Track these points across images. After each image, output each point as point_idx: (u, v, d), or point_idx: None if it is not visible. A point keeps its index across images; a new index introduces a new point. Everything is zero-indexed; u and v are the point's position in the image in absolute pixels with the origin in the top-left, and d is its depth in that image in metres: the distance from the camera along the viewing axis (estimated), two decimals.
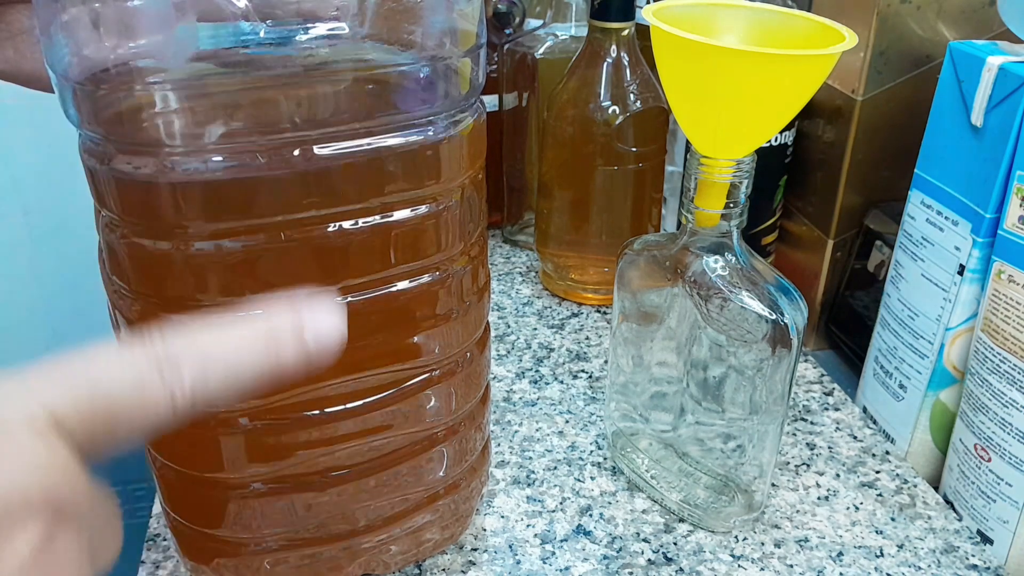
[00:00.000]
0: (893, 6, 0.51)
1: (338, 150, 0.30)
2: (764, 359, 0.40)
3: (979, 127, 0.44)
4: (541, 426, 0.53)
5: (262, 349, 0.22)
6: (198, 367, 0.21)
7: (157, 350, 0.21)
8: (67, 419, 0.19)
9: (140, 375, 0.20)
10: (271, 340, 0.22)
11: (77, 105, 0.28)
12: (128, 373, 0.20)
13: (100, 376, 0.20)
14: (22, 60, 0.35)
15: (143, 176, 0.28)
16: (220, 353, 0.22)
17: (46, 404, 0.19)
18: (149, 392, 0.20)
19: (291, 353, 0.22)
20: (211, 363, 0.21)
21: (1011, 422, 0.42)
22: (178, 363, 0.21)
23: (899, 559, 0.43)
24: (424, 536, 0.41)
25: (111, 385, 0.20)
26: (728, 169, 0.38)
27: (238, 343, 0.22)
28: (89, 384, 0.20)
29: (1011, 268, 0.42)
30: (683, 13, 0.39)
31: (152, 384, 0.20)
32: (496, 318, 0.64)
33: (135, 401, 0.20)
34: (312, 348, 0.22)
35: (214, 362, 0.21)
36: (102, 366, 0.20)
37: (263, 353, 0.22)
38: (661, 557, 0.43)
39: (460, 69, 0.32)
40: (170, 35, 0.26)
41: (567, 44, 0.67)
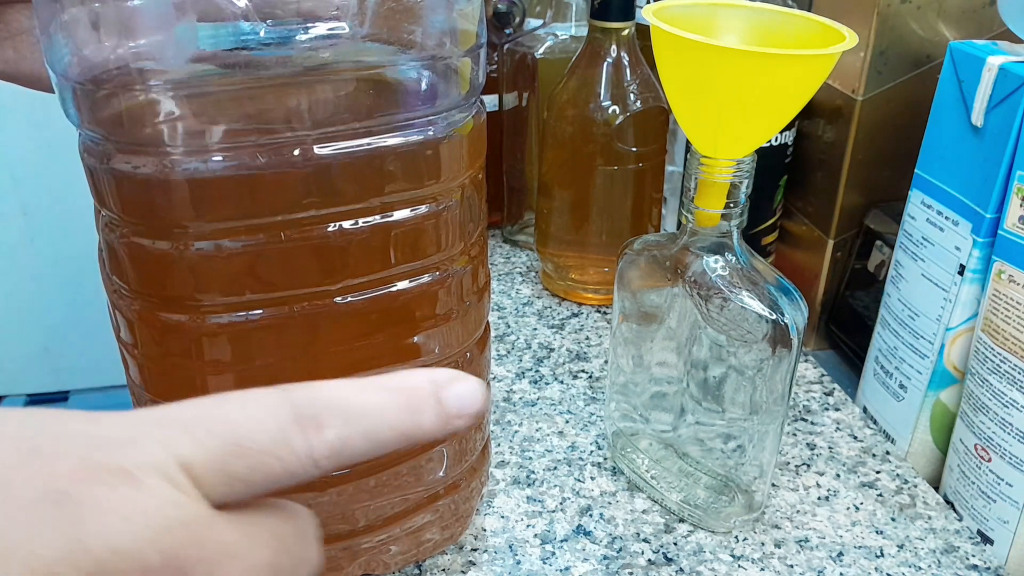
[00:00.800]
0: (893, 6, 0.51)
1: (338, 150, 0.30)
2: (764, 359, 0.40)
3: (979, 127, 0.44)
4: (541, 426, 0.52)
5: (403, 412, 0.21)
6: (340, 426, 0.20)
7: (299, 406, 0.20)
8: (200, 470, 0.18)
9: (281, 431, 0.20)
10: (412, 403, 0.21)
11: (77, 105, 0.28)
12: (269, 427, 0.19)
13: (238, 427, 0.19)
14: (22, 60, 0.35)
15: (143, 176, 0.28)
16: (361, 413, 0.21)
17: (178, 452, 0.18)
18: (290, 449, 0.20)
19: (431, 418, 0.22)
20: (352, 423, 0.20)
21: (1011, 422, 0.42)
22: (320, 421, 0.20)
23: (899, 559, 0.43)
24: (424, 536, 0.41)
25: (250, 438, 0.19)
26: (728, 169, 0.38)
27: (378, 404, 0.21)
28: (226, 435, 0.19)
29: (1011, 268, 0.42)
30: (683, 13, 0.39)
31: (294, 441, 0.20)
32: (496, 318, 0.64)
33: (275, 458, 0.19)
34: (453, 413, 0.22)
35: (355, 422, 0.21)
36: (240, 417, 0.19)
37: (403, 416, 0.21)
38: (661, 557, 0.43)
39: (460, 69, 0.32)
40: (170, 35, 0.26)
41: (567, 44, 0.67)
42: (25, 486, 0.17)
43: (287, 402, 0.20)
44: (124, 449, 0.18)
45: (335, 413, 0.20)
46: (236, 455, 0.19)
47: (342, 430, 0.20)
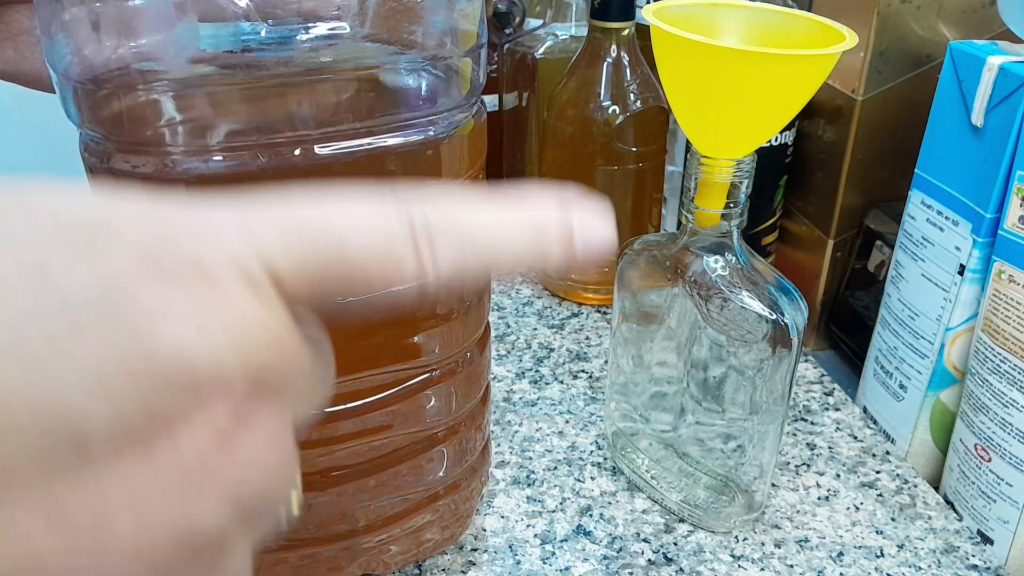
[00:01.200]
0: (893, 6, 0.51)
1: (339, 150, 0.30)
2: (764, 359, 0.40)
3: (979, 127, 0.44)
4: (541, 426, 0.53)
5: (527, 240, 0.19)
6: (457, 242, 0.18)
7: (414, 215, 0.17)
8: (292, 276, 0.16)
9: (391, 240, 0.17)
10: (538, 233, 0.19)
11: (78, 105, 0.28)
12: (377, 235, 0.17)
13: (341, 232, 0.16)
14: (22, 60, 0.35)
15: (143, 175, 0.28)
16: (482, 232, 0.18)
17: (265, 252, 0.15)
18: (398, 261, 0.17)
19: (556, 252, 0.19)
20: (472, 241, 0.18)
21: (1011, 422, 0.42)
22: (436, 233, 0.17)
23: (899, 559, 0.43)
24: (424, 536, 0.41)
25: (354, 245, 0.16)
26: (728, 169, 0.38)
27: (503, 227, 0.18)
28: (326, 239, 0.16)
29: (1011, 268, 0.42)
30: (683, 13, 0.39)
31: (404, 253, 0.17)
32: (496, 318, 0.64)
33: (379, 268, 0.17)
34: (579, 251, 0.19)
35: (475, 240, 0.18)
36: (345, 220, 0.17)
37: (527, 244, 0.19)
38: (661, 557, 0.43)
39: (461, 69, 0.32)
40: (171, 35, 0.26)
41: (567, 44, 0.67)
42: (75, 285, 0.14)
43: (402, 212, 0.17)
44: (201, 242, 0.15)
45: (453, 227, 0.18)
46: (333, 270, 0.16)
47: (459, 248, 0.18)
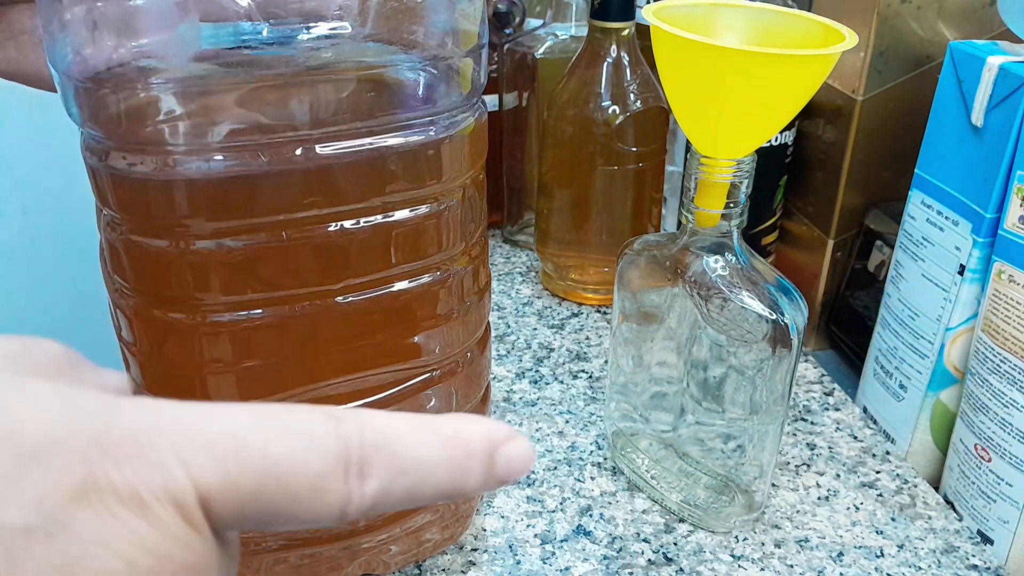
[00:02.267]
0: (893, 6, 0.51)
1: (340, 149, 0.30)
2: (764, 359, 0.40)
3: (979, 127, 0.44)
4: (541, 426, 0.53)
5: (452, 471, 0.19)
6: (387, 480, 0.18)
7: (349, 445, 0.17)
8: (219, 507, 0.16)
9: (323, 476, 0.17)
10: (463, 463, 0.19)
11: (79, 104, 0.28)
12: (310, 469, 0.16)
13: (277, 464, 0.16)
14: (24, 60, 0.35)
15: (144, 175, 0.28)
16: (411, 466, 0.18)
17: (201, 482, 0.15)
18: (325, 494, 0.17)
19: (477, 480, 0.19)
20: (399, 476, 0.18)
21: (1011, 422, 0.42)
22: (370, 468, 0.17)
23: (899, 559, 0.43)
24: (424, 536, 0.41)
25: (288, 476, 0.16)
26: (728, 169, 0.38)
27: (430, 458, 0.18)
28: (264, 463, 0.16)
29: (1011, 268, 0.42)
30: (683, 13, 0.39)
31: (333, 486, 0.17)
32: (496, 318, 0.64)
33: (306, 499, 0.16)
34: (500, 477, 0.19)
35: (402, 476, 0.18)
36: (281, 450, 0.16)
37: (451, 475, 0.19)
38: (661, 557, 0.43)
39: (462, 69, 0.32)
40: (172, 34, 0.26)
41: (567, 44, 0.67)
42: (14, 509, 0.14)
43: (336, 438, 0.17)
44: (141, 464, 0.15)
45: (383, 461, 0.18)
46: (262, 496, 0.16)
47: (385, 483, 0.18)
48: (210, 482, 0.16)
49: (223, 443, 0.16)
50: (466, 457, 0.19)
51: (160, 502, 0.15)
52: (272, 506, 0.16)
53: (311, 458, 0.17)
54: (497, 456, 0.19)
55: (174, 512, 0.15)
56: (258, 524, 0.17)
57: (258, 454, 0.16)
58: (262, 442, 0.16)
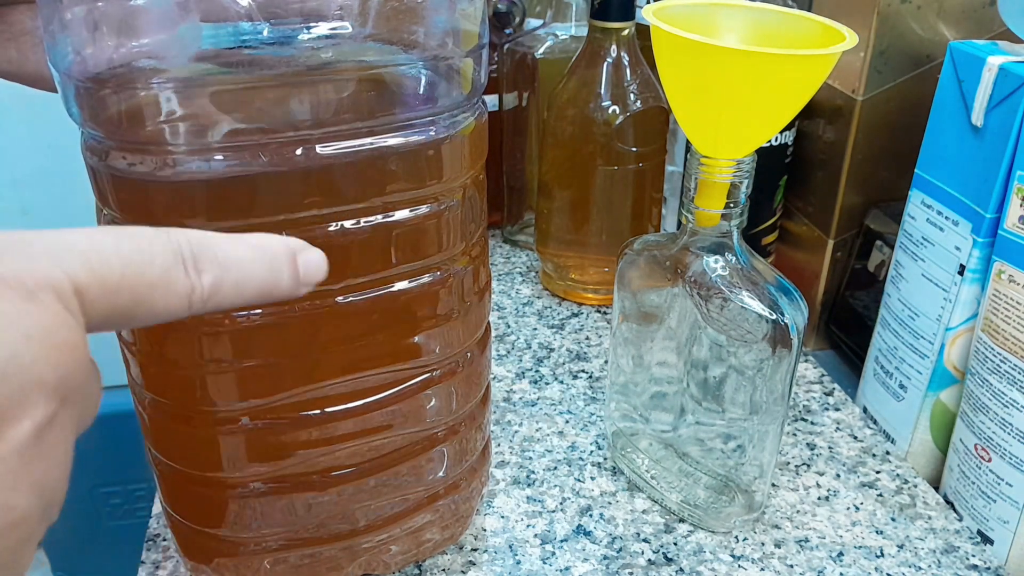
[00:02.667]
0: (893, 6, 0.51)
1: (340, 149, 0.30)
2: (764, 359, 0.40)
3: (979, 127, 0.44)
4: (541, 426, 0.53)
5: (266, 270, 0.23)
6: (217, 273, 0.21)
7: (183, 246, 0.21)
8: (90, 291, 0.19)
9: (168, 268, 0.20)
10: (273, 264, 0.23)
11: (80, 104, 0.28)
12: (157, 263, 0.20)
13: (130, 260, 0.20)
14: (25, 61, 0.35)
15: (144, 175, 0.28)
16: (234, 263, 0.22)
17: (74, 275, 0.18)
18: (173, 284, 0.20)
19: (287, 281, 0.23)
20: (227, 272, 0.22)
21: (1011, 422, 0.42)
22: (201, 264, 0.21)
23: (899, 559, 0.43)
24: (424, 536, 0.41)
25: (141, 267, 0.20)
26: (728, 169, 0.38)
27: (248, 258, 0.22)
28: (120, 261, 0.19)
29: (1011, 268, 0.42)
30: (683, 13, 0.39)
31: (178, 280, 0.20)
32: (496, 318, 0.64)
33: (159, 289, 0.20)
34: (302, 279, 0.24)
35: (229, 272, 0.22)
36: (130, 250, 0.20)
37: (266, 274, 0.23)
38: (661, 557, 0.43)
39: (462, 69, 0.32)
40: (173, 34, 0.26)
41: (567, 44, 0.67)
42: None
43: (173, 241, 0.21)
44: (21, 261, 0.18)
45: (213, 259, 0.21)
46: (125, 287, 0.19)
47: (217, 276, 0.21)
48: (80, 276, 0.18)
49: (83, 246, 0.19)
50: (273, 258, 0.23)
51: (43, 290, 0.18)
52: (134, 295, 0.19)
53: (155, 253, 0.20)
54: (299, 260, 0.23)
55: (54, 298, 0.18)
56: (124, 316, 0.20)
57: (113, 253, 0.19)
58: (114, 244, 0.19)
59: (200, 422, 0.33)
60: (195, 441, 0.34)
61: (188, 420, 0.33)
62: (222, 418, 0.33)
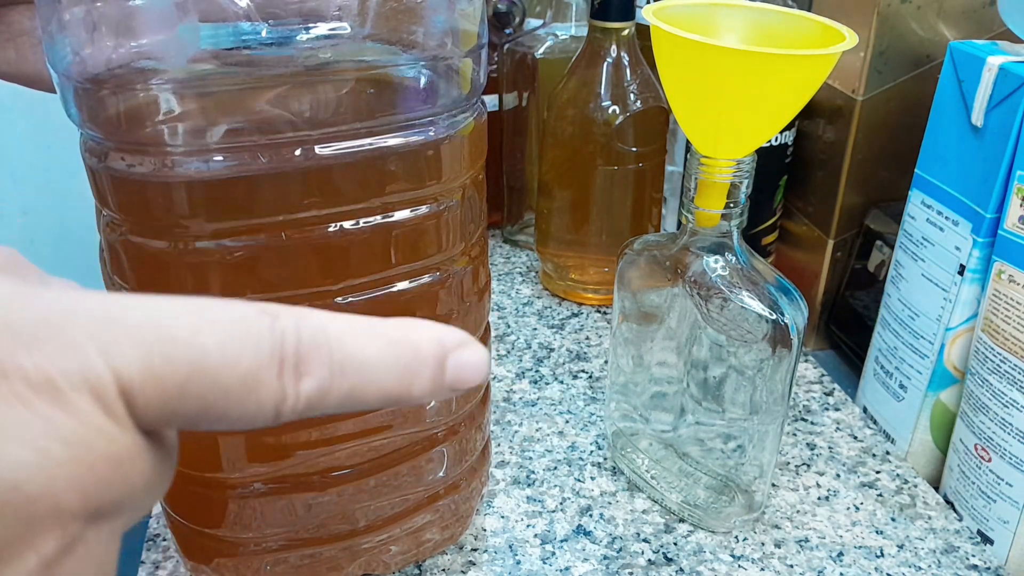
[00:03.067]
0: (893, 6, 0.51)
1: (339, 150, 0.30)
2: (764, 359, 0.40)
3: (979, 127, 0.44)
4: (541, 426, 0.53)
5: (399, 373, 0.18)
6: (325, 376, 0.17)
7: (288, 342, 0.16)
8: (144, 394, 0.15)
9: (256, 371, 0.16)
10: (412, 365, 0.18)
11: (78, 104, 0.28)
12: (242, 363, 0.16)
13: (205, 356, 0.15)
14: (23, 62, 0.35)
15: (144, 176, 0.28)
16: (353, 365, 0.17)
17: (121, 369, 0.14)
18: (257, 395, 0.16)
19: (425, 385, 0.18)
20: (339, 376, 0.17)
21: (1011, 422, 0.42)
22: (303, 365, 0.16)
23: (899, 559, 0.43)
24: (424, 536, 0.41)
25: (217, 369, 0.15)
26: (728, 169, 0.38)
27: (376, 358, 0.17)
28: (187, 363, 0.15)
29: (1011, 268, 0.42)
30: (683, 13, 0.39)
31: (266, 386, 0.16)
32: (496, 318, 0.64)
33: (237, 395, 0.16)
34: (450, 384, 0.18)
35: (343, 375, 0.17)
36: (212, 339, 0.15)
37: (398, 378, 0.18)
38: (661, 557, 0.43)
39: (461, 69, 0.32)
40: (172, 35, 0.26)
41: (567, 44, 0.67)
42: None
43: (272, 332, 0.16)
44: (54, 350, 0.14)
45: (323, 359, 0.17)
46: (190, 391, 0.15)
47: (325, 382, 0.17)
48: (132, 372, 0.14)
49: (147, 332, 0.15)
50: (414, 360, 0.18)
51: (76, 389, 0.14)
52: (201, 401, 0.15)
53: (243, 351, 0.16)
54: (448, 362, 0.18)
55: (91, 400, 0.14)
56: (188, 421, 0.16)
57: (185, 345, 0.15)
58: (190, 334, 0.15)
59: None
60: (195, 441, 0.34)
61: None
62: None
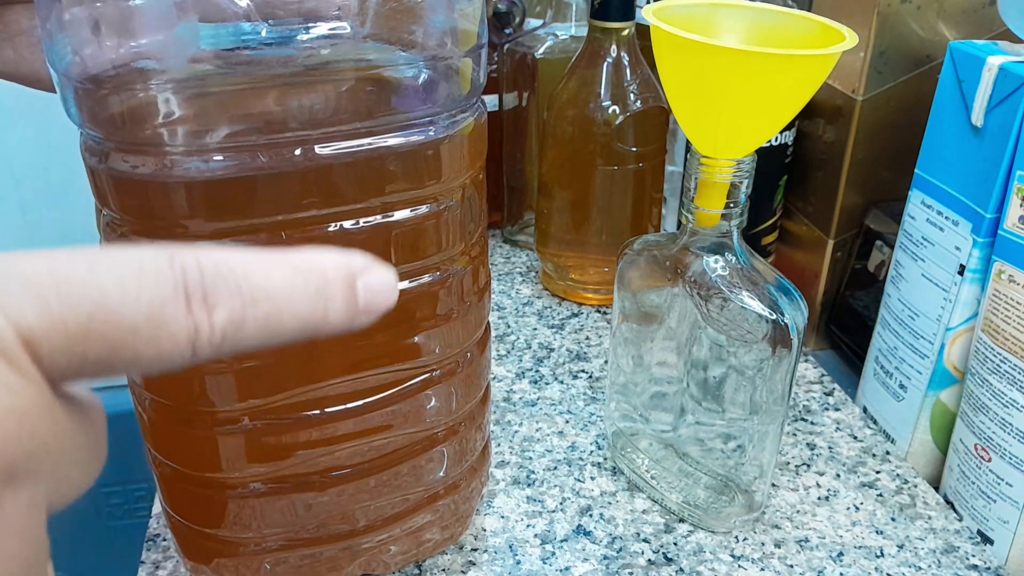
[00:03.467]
0: (893, 6, 0.51)
1: (339, 150, 0.30)
2: (764, 359, 0.40)
3: (979, 127, 0.44)
4: (541, 426, 0.53)
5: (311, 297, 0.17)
6: (236, 308, 0.16)
7: (190, 275, 0.16)
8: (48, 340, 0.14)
9: (161, 301, 0.15)
10: (321, 288, 0.18)
11: (78, 104, 0.28)
12: (145, 295, 0.15)
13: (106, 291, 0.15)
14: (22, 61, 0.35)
15: (144, 175, 0.28)
16: (263, 293, 0.17)
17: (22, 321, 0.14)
18: (168, 325, 0.15)
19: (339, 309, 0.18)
20: (253, 307, 0.17)
21: (1011, 422, 0.42)
22: (211, 296, 0.16)
23: (899, 559, 0.43)
24: (424, 536, 0.41)
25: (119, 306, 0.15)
26: (728, 169, 0.38)
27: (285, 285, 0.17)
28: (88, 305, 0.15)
29: (1011, 268, 0.42)
30: (683, 13, 0.39)
31: (175, 317, 0.16)
32: (496, 318, 0.64)
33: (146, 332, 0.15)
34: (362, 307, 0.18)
35: (257, 306, 0.17)
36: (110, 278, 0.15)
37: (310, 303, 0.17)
38: (661, 557, 0.43)
39: (461, 69, 0.32)
40: (171, 35, 0.26)
41: (567, 44, 0.67)
42: None
43: (171, 267, 0.16)
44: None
45: (231, 289, 0.16)
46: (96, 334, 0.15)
47: (237, 312, 0.16)
48: (31, 320, 0.14)
49: (42, 280, 0.15)
50: (324, 284, 0.18)
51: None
52: (108, 342, 0.15)
53: (143, 285, 0.15)
54: (358, 284, 0.18)
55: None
56: (100, 366, 0.15)
57: (82, 285, 0.15)
58: (85, 275, 0.15)
59: (200, 422, 0.33)
60: (195, 441, 0.34)
61: (188, 420, 0.33)
62: (222, 418, 0.33)
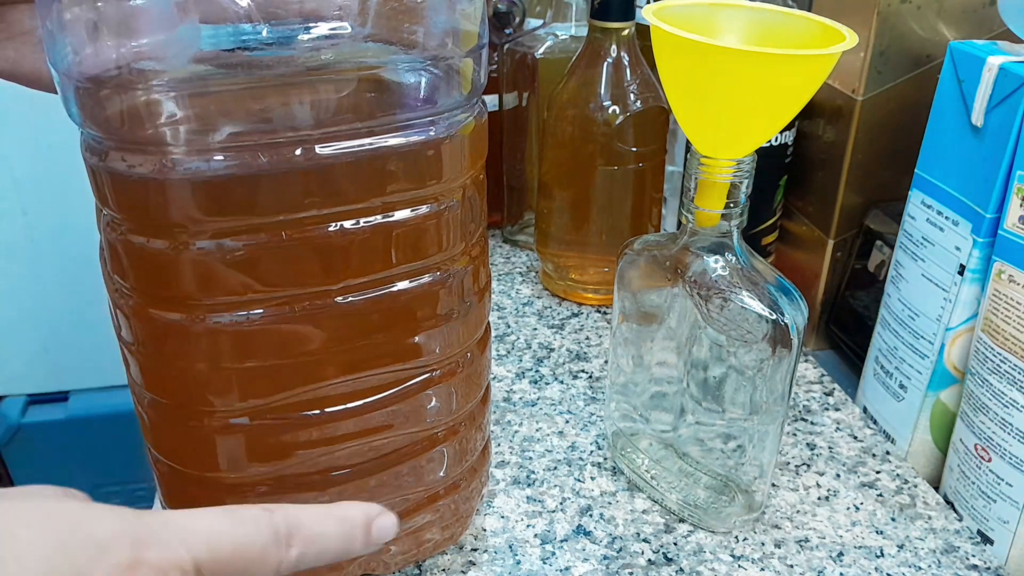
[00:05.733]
0: (893, 6, 0.51)
1: (340, 150, 0.30)
2: (764, 359, 0.40)
3: (979, 127, 0.44)
4: (541, 426, 0.53)
5: (344, 540, 0.29)
6: (304, 548, 0.27)
7: (280, 526, 0.27)
8: (208, 569, 0.24)
9: (265, 547, 0.26)
10: (350, 533, 0.29)
11: (79, 104, 0.28)
12: (257, 542, 0.26)
13: (238, 540, 0.26)
14: (22, 61, 0.35)
15: (144, 175, 0.28)
16: (317, 538, 0.28)
17: (196, 554, 0.24)
18: (267, 562, 0.26)
19: (360, 544, 0.29)
20: (311, 546, 0.28)
21: (1011, 422, 0.42)
22: (293, 540, 0.27)
23: (899, 559, 0.43)
24: (424, 536, 0.41)
25: (247, 546, 0.26)
26: (728, 169, 0.38)
27: (330, 532, 0.28)
28: (232, 540, 0.25)
29: (1011, 268, 0.42)
30: (683, 13, 0.39)
31: (273, 553, 0.26)
32: (496, 318, 0.64)
33: (257, 562, 0.26)
34: (374, 541, 0.30)
35: (313, 545, 0.28)
36: (239, 531, 0.26)
37: (344, 543, 0.29)
38: (661, 557, 0.43)
39: (462, 69, 0.32)
40: (172, 35, 0.26)
41: (567, 44, 0.67)
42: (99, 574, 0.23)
43: (271, 523, 0.27)
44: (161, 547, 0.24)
45: (300, 536, 0.27)
46: (235, 562, 0.26)
47: (302, 549, 0.27)
48: (201, 555, 0.25)
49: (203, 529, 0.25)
50: (352, 528, 0.29)
51: (173, 569, 0.24)
52: (239, 568, 0.26)
53: (259, 536, 0.26)
54: (372, 527, 0.30)
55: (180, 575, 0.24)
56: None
57: (227, 533, 0.26)
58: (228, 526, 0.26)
59: (200, 422, 0.33)
60: (195, 441, 0.34)
61: (188, 420, 0.33)
62: (222, 418, 0.33)
